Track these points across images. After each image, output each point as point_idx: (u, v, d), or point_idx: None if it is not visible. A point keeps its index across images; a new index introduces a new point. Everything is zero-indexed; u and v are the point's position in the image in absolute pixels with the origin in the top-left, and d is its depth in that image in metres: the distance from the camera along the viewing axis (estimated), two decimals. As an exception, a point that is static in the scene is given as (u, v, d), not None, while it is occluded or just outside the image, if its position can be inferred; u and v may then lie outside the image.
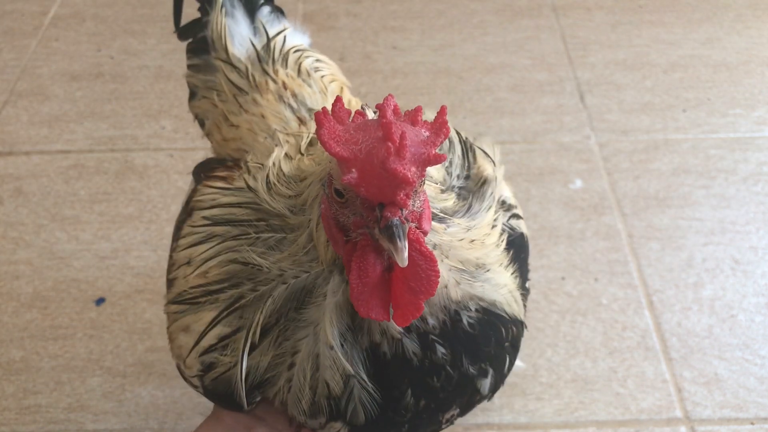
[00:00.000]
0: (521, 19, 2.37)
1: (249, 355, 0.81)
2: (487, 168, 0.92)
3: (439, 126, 0.69)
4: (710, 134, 1.97)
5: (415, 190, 0.68)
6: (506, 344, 0.87)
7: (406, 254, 0.65)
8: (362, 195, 0.67)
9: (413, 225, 0.69)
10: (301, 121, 1.07)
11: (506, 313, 0.85)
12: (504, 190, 0.98)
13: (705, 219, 1.74)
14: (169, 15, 1.25)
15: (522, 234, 0.96)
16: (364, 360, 0.79)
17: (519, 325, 0.89)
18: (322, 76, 1.18)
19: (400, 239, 0.65)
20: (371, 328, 0.78)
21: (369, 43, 2.28)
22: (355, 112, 0.74)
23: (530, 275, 1.61)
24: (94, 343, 1.51)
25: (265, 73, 1.13)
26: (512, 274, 0.88)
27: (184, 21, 1.24)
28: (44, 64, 2.22)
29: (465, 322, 0.80)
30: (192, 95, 1.24)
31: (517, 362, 1.41)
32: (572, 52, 2.24)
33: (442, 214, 0.81)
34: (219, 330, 0.84)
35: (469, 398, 0.88)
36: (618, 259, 1.65)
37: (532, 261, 1.63)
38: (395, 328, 0.77)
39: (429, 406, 0.84)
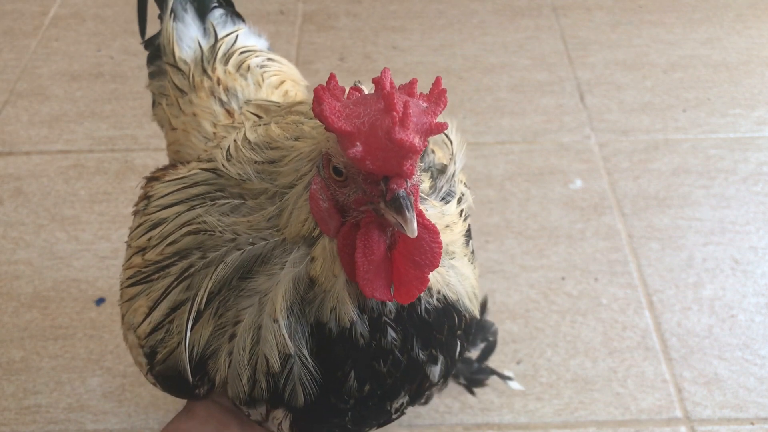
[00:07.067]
0: (521, 19, 2.37)
1: (192, 327, 0.78)
2: (438, 153, 0.90)
3: (437, 95, 0.68)
4: (710, 134, 1.97)
5: (417, 162, 0.67)
6: (459, 332, 0.86)
7: (415, 225, 0.64)
8: (367, 169, 0.66)
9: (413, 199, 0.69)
10: (229, 113, 1.06)
11: (464, 307, 0.84)
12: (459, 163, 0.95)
13: (705, 219, 1.74)
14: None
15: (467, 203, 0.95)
16: (309, 336, 0.77)
17: (473, 319, 0.88)
18: (264, 72, 1.15)
19: (408, 210, 0.64)
20: (323, 303, 0.75)
21: (369, 43, 2.28)
22: (350, 89, 0.72)
23: (530, 275, 1.62)
24: (94, 343, 1.51)
25: (204, 71, 1.11)
26: (474, 269, 0.88)
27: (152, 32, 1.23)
28: (44, 64, 2.22)
29: (423, 307, 0.79)
30: (152, 103, 1.23)
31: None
32: (572, 52, 2.24)
33: (422, 195, 0.80)
34: (163, 308, 0.81)
35: (418, 385, 0.86)
36: (618, 259, 1.65)
37: (533, 261, 1.64)
38: (349, 311, 0.75)
39: (374, 392, 0.82)
